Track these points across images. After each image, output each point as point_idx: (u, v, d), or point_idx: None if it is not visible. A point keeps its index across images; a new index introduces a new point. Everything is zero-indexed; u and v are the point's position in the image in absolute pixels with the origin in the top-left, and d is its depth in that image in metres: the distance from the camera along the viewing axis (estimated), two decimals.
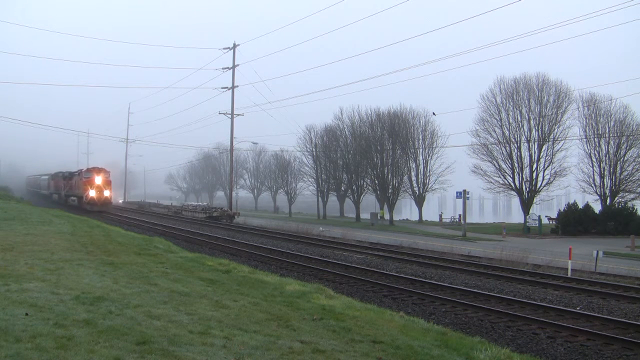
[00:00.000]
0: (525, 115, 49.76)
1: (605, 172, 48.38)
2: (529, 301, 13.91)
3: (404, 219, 71.46)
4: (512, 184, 50.82)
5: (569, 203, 48.68)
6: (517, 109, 50.17)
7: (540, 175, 50.00)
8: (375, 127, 64.17)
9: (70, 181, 54.69)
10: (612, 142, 48.11)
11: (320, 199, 70.81)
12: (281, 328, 7.67)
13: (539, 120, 49.19)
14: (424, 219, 65.17)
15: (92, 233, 20.24)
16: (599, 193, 48.82)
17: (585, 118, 48.92)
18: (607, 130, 48.09)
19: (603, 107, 48.09)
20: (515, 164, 50.35)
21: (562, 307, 13.27)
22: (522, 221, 49.15)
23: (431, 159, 63.47)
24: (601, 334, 10.82)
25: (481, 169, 52.09)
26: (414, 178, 63.90)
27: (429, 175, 63.82)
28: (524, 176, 50.41)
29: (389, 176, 62.43)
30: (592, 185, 49.19)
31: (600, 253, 21.43)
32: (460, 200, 43.36)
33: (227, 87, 49.25)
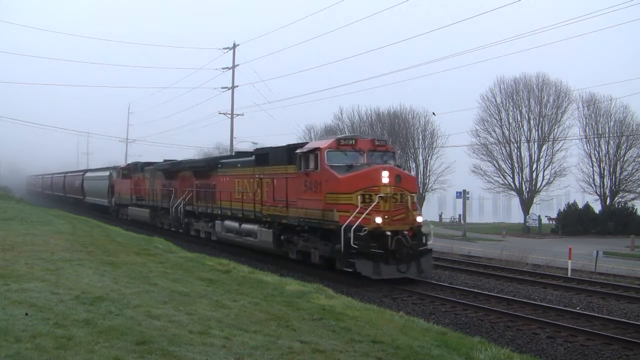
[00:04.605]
0: (525, 115, 49.81)
1: (605, 172, 48.39)
2: (528, 301, 13.91)
3: None
4: (512, 184, 50.84)
5: (569, 203, 48.72)
6: (517, 109, 50.22)
7: (540, 175, 50.07)
8: (375, 127, 64.15)
9: (218, 179, 22.93)
10: (612, 142, 48.13)
11: None
12: (281, 328, 7.67)
13: (539, 120, 49.23)
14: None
15: (92, 233, 20.24)
16: (599, 193, 48.84)
17: (585, 118, 48.98)
18: (607, 130, 48.12)
19: (603, 107, 48.13)
20: (515, 164, 50.37)
21: (562, 307, 13.27)
22: (522, 221, 49.16)
23: (431, 159, 63.39)
24: (601, 334, 10.82)
25: (481, 169, 52.13)
26: None
27: (429, 175, 63.77)
28: (523, 176, 50.44)
29: None
30: (592, 185, 49.22)
31: (600, 253, 21.43)
32: (460, 200, 43.38)
33: (227, 87, 49.22)
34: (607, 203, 47.83)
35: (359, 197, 15.03)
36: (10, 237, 15.89)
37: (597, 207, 47.94)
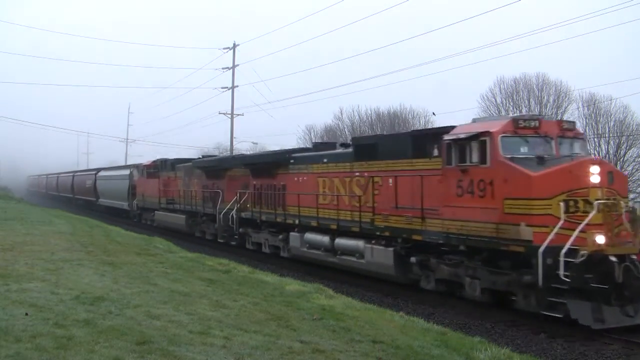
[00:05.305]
0: None
1: None
2: None
3: None
4: None
5: None
6: (517, 109, 50.22)
7: None
8: (375, 127, 64.14)
9: (290, 178, 18.28)
10: (612, 142, 48.17)
11: None
12: (281, 328, 7.67)
13: None
14: None
15: (92, 233, 20.26)
16: None
17: (585, 118, 48.97)
18: (607, 130, 48.15)
19: (603, 107, 48.17)
20: None
21: None
22: None
23: None
24: (601, 333, 10.80)
25: None
26: None
27: None
28: None
29: None
30: None
31: None
32: None
33: (227, 87, 49.24)
34: None
35: (560, 204, 10.32)
36: (10, 237, 15.90)
37: None
